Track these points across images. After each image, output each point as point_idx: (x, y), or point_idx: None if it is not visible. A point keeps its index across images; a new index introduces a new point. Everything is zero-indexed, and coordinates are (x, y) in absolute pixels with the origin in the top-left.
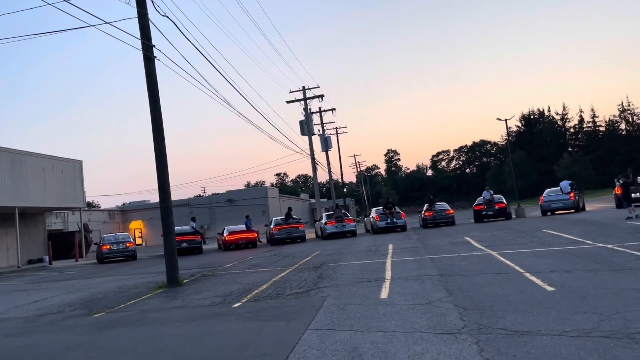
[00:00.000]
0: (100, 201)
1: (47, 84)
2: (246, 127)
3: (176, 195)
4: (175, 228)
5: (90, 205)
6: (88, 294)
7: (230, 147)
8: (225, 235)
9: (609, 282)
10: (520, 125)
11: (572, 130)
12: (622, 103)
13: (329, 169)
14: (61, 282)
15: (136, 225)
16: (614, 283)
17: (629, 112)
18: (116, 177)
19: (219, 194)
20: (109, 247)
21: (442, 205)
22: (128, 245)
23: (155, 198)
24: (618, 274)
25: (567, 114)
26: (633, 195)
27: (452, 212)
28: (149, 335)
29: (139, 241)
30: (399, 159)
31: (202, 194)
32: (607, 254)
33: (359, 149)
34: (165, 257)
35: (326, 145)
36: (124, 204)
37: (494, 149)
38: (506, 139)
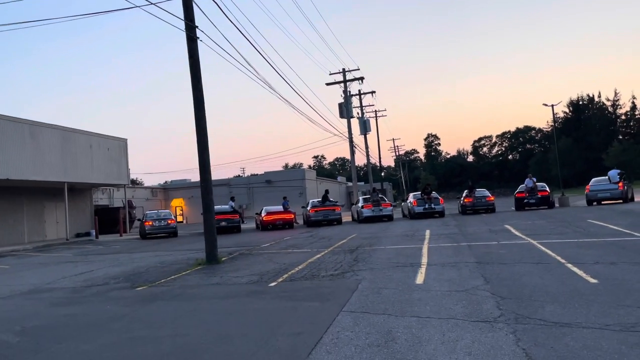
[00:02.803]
0: (143, 178)
1: (92, 63)
2: (285, 108)
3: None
4: (215, 207)
5: (133, 182)
6: (131, 268)
7: (269, 129)
8: (262, 215)
9: None
10: (567, 111)
11: (622, 117)
12: None
13: (367, 152)
14: (106, 255)
15: (177, 202)
16: None
17: None
18: (159, 156)
19: (257, 174)
20: (151, 223)
21: (482, 192)
22: (169, 222)
23: (195, 177)
24: None
25: (618, 100)
26: None
27: (492, 198)
28: (187, 309)
29: (179, 218)
30: (439, 144)
31: (241, 174)
32: None
33: (397, 133)
34: (204, 234)
35: (364, 128)
36: (165, 182)
37: (539, 135)
38: (552, 125)
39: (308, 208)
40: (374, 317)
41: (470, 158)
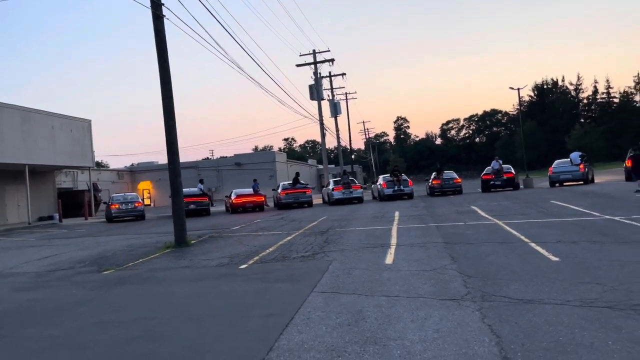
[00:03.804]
0: (108, 161)
1: (56, 41)
2: (255, 90)
3: (184, 157)
4: (183, 189)
5: (99, 165)
6: (97, 252)
7: (239, 111)
8: (232, 197)
9: (614, 254)
10: (532, 94)
11: (585, 101)
12: (638, 74)
13: (337, 134)
14: (71, 239)
15: (144, 185)
16: (619, 255)
17: None
18: (125, 138)
19: (226, 157)
20: (117, 206)
21: (450, 174)
22: (136, 205)
23: (163, 159)
24: (623, 246)
25: (581, 84)
26: None
27: (459, 180)
28: (156, 292)
29: (147, 201)
30: (408, 127)
31: (210, 157)
32: (614, 226)
33: (368, 116)
34: (173, 217)
35: (335, 110)
36: (132, 165)
37: (505, 118)
38: (517, 109)
39: (279, 191)
40: (344, 297)
41: (439, 141)
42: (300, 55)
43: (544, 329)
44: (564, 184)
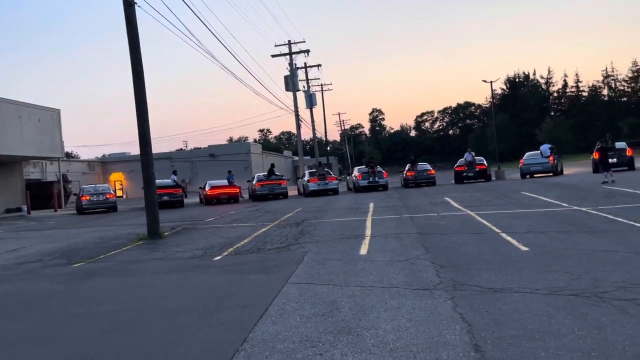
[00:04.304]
0: (79, 152)
1: (25, 28)
2: (230, 80)
3: (157, 148)
4: (156, 181)
5: (68, 156)
6: (67, 244)
7: (213, 101)
8: (206, 189)
9: (581, 243)
10: (504, 87)
11: (555, 95)
12: (606, 69)
13: (313, 126)
14: (39, 231)
15: (116, 177)
16: (586, 244)
17: (612, 77)
18: (96, 128)
19: (200, 148)
20: (88, 198)
21: (424, 166)
22: (108, 196)
23: (136, 150)
24: (590, 235)
25: (551, 77)
26: (610, 161)
27: (433, 172)
28: (128, 285)
29: (119, 193)
30: (383, 119)
31: (183, 148)
32: (581, 217)
33: (343, 107)
34: (145, 209)
35: (310, 101)
36: (103, 155)
37: (478, 111)
38: (490, 101)
39: (254, 182)
40: (319, 288)
41: (413, 133)
42: (276, 46)
43: (513, 317)
44: (535, 175)
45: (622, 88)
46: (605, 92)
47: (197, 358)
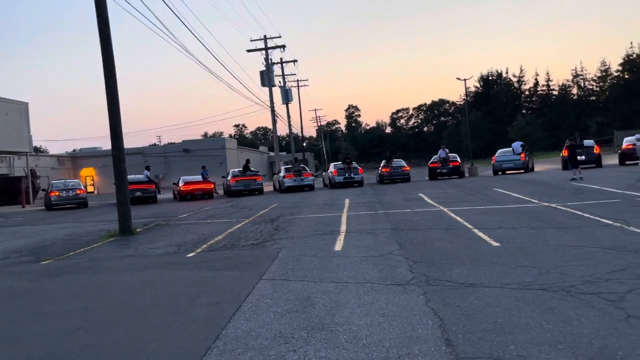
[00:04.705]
0: (48, 146)
1: None
2: (205, 75)
3: (130, 142)
4: (129, 176)
5: (37, 150)
6: (35, 241)
7: (188, 96)
8: (180, 185)
9: (550, 239)
10: (478, 85)
11: (527, 93)
12: (576, 68)
13: (289, 121)
14: (6, 227)
15: (87, 172)
16: (554, 239)
17: (581, 77)
18: (66, 122)
19: (174, 143)
20: (57, 193)
21: (399, 162)
22: (78, 192)
23: (107, 145)
24: (558, 231)
25: (523, 76)
26: (578, 158)
27: (407, 169)
28: (98, 282)
29: (90, 189)
30: (359, 115)
31: (157, 143)
32: (550, 213)
33: (319, 103)
34: (117, 205)
35: (286, 97)
36: (74, 150)
37: (452, 108)
38: (464, 99)
39: (228, 178)
40: (293, 284)
41: (389, 129)
42: (251, 41)
43: (484, 311)
44: (506, 172)
45: (590, 87)
46: (574, 91)
47: (168, 356)
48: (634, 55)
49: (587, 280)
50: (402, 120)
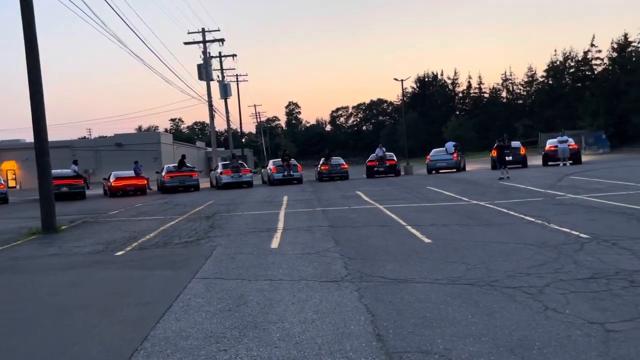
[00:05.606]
0: None
1: None
2: (139, 67)
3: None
4: (55, 171)
5: None
6: None
7: (121, 88)
8: (111, 180)
9: (478, 235)
10: (415, 86)
11: (460, 95)
12: (505, 72)
13: (227, 116)
14: None
15: (8, 165)
16: (482, 236)
17: (510, 81)
18: None
19: (106, 136)
20: None
21: (337, 160)
22: None
23: (31, 137)
24: (486, 228)
25: (457, 78)
26: (506, 158)
27: (346, 166)
28: (19, 283)
29: (11, 183)
30: (300, 112)
31: (87, 136)
32: (479, 210)
33: (259, 99)
34: (40, 201)
35: (225, 92)
36: None
37: (390, 108)
38: (401, 99)
39: (163, 174)
40: (227, 283)
41: (329, 127)
42: (189, 33)
43: (414, 306)
44: (440, 171)
45: (518, 91)
46: (504, 94)
47: (92, 359)
48: (557, 63)
49: (510, 275)
50: (342, 119)
